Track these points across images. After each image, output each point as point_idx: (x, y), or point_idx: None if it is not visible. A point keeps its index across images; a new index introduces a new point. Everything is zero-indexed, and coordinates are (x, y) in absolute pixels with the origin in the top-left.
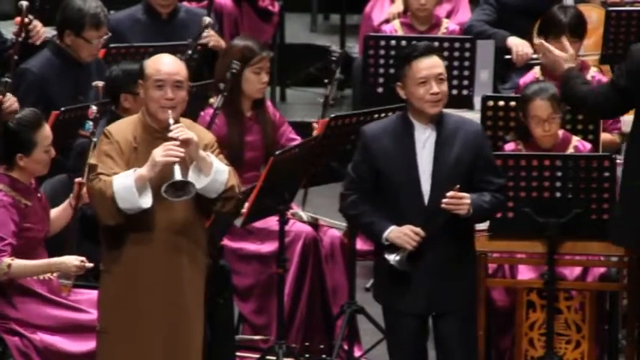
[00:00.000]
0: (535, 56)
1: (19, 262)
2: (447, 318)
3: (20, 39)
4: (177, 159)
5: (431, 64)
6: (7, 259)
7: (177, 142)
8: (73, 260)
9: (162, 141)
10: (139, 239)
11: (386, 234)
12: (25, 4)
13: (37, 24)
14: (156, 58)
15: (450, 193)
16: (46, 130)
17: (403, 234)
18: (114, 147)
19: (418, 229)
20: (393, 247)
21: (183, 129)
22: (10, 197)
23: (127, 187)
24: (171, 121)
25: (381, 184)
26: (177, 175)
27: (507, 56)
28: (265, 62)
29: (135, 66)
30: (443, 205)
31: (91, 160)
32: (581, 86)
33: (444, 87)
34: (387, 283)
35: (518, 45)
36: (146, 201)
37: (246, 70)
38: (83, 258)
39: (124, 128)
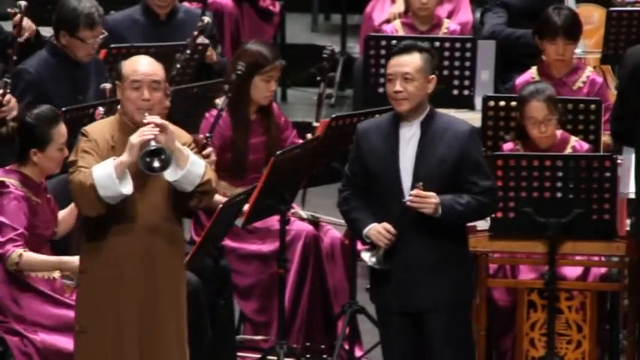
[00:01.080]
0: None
1: (30, 255)
2: (429, 317)
3: (21, 39)
4: (152, 137)
5: (400, 62)
6: (19, 250)
7: (153, 125)
8: None
9: None
10: (117, 230)
11: (365, 231)
12: (23, 3)
13: (25, 20)
14: (132, 59)
15: (413, 192)
16: (62, 128)
17: (377, 231)
18: (92, 145)
19: (389, 227)
20: (374, 245)
21: (157, 117)
22: (21, 192)
23: (106, 174)
24: (146, 114)
25: (369, 180)
26: (152, 144)
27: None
28: (276, 71)
29: None
30: (407, 203)
31: (71, 157)
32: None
33: (410, 86)
34: (376, 282)
35: None
36: (127, 188)
37: (255, 76)
38: None
39: (101, 128)
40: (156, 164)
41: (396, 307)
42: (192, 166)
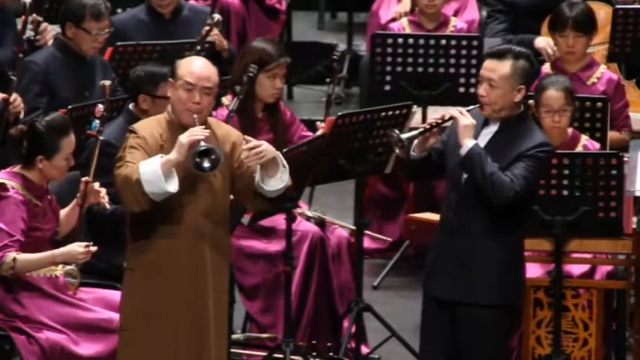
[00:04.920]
0: None
1: (23, 256)
2: (459, 310)
3: (25, 37)
4: (202, 137)
5: (489, 67)
6: (13, 254)
7: (203, 126)
8: (76, 247)
9: None
10: (164, 232)
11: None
12: (28, 1)
13: (46, 25)
14: (189, 60)
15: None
16: (72, 138)
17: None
18: (141, 141)
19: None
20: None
21: (259, 148)
22: (21, 195)
23: (153, 170)
24: (197, 124)
25: (441, 160)
26: (203, 145)
27: (540, 57)
28: (281, 69)
29: (157, 69)
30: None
31: (119, 154)
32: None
33: (494, 93)
34: (426, 266)
35: (546, 47)
36: (172, 186)
37: (260, 74)
38: (87, 243)
39: (149, 126)
40: (206, 164)
41: (430, 289)
42: (285, 177)
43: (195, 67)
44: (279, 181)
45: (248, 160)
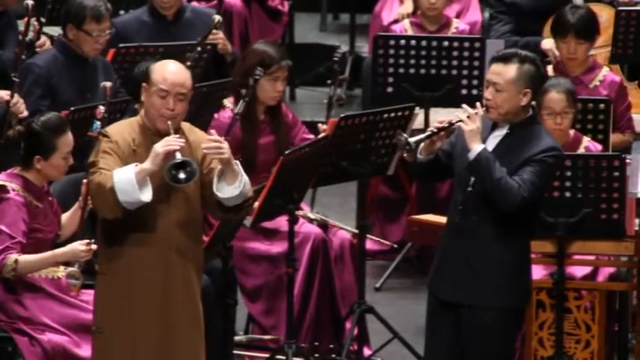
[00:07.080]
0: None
1: (25, 258)
2: (463, 311)
3: (28, 39)
4: (178, 148)
5: (494, 70)
6: (15, 255)
7: (178, 135)
8: (78, 246)
9: None
10: (136, 240)
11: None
12: (30, 3)
13: (45, 40)
14: (163, 65)
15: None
16: (69, 137)
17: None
18: (113, 146)
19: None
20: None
21: (223, 149)
22: (22, 197)
23: (127, 179)
24: (171, 131)
25: (450, 162)
26: (178, 157)
27: (547, 58)
28: (283, 72)
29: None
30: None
31: (91, 158)
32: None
33: (499, 97)
34: (431, 267)
35: (553, 48)
36: (146, 195)
37: (262, 77)
38: (88, 240)
39: (122, 130)
40: (182, 176)
41: (435, 290)
42: (243, 188)
43: (169, 74)
44: (234, 189)
45: (208, 150)
